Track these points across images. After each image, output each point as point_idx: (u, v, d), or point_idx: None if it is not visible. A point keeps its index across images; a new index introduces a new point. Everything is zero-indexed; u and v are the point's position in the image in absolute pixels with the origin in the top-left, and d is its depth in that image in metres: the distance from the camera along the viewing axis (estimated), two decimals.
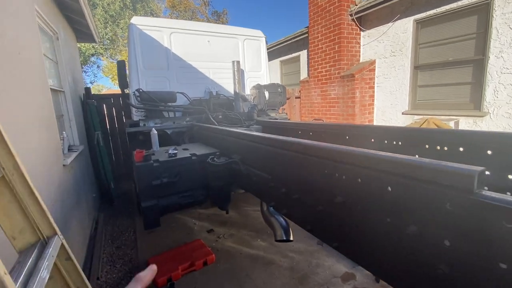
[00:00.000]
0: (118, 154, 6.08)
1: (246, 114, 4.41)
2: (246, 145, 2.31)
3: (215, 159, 2.58)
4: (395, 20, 5.25)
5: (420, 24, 4.95)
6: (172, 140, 4.02)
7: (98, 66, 13.07)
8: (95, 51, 10.98)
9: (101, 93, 8.29)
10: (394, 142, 2.20)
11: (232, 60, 4.58)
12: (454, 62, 4.59)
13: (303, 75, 7.81)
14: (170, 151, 2.75)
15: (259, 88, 4.79)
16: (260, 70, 5.21)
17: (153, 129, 3.15)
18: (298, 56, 7.98)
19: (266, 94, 4.83)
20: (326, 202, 1.41)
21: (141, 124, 3.84)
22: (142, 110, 3.98)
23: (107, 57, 12.55)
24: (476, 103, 4.37)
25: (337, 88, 5.95)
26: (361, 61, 6.05)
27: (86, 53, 10.32)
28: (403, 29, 5.14)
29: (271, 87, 4.94)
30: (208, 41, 4.58)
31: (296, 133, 3.36)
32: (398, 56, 5.31)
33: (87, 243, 3.55)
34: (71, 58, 4.57)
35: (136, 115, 4.07)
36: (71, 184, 3.22)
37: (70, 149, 3.63)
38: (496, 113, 4.09)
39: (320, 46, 6.26)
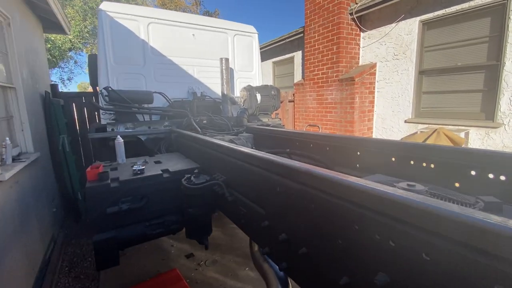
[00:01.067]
0: (89, 160, 5.38)
1: (234, 119, 3.86)
2: (233, 163, 1.77)
3: (192, 178, 2.01)
4: (399, 21, 4.85)
5: (426, 25, 4.56)
6: (147, 149, 3.42)
7: (75, 62, 12.13)
8: (72, 45, 10.08)
9: (71, 91, 7.55)
10: (424, 164, 1.71)
11: (220, 57, 4.03)
12: (463, 67, 4.21)
13: (298, 77, 7.34)
14: (136, 167, 2.16)
15: (250, 90, 4.25)
16: (252, 70, 4.68)
17: (118, 136, 2.55)
18: (292, 57, 7.51)
19: (258, 97, 4.30)
20: (357, 276, 0.88)
21: (109, 128, 3.22)
22: (111, 112, 3.35)
23: (87, 52, 11.69)
24: (488, 113, 3.99)
25: (334, 92, 5.49)
26: (360, 64, 5.62)
27: (63, 47, 9.42)
28: (407, 30, 4.74)
29: (263, 89, 4.41)
30: (193, 35, 4.00)
31: (294, 145, 2.84)
32: (401, 59, 4.91)
33: (36, 274, 2.88)
34: (31, 49, 3.89)
35: (104, 118, 3.44)
36: (13, 204, 2.57)
37: (17, 158, 2.96)
38: (511, 124, 3.71)
39: (316, 47, 5.79)
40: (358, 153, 2.14)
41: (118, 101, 3.30)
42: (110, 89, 3.25)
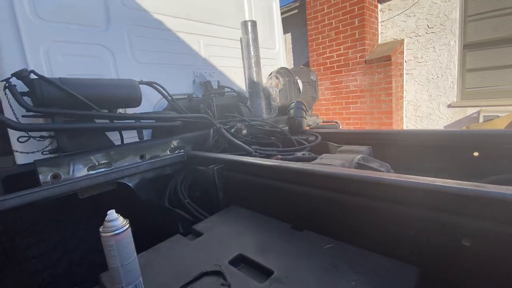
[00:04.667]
0: None
1: (289, 122, 2.26)
2: None
3: None
4: None
5: None
6: (141, 204, 1.59)
7: None
8: None
9: None
10: None
11: (242, 22, 2.38)
12: None
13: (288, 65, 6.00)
14: None
15: (288, 74, 2.71)
16: (275, 47, 3.13)
17: None
18: None
19: (300, 84, 2.80)
20: None
21: (45, 176, 1.29)
22: (43, 132, 1.40)
23: None
24: None
25: (359, 78, 4.35)
26: (380, 42, 4.62)
27: None
28: None
29: (303, 74, 2.93)
30: None
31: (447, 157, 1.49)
32: (438, 32, 4.05)
33: None
34: None
35: (21, 151, 1.42)
36: None
37: None
38: None
39: (327, 22, 4.56)
40: None
41: (60, 105, 1.37)
42: (33, 77, 1.30)
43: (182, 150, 1.78)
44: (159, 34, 2.02)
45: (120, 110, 1.73)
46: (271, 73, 2.78)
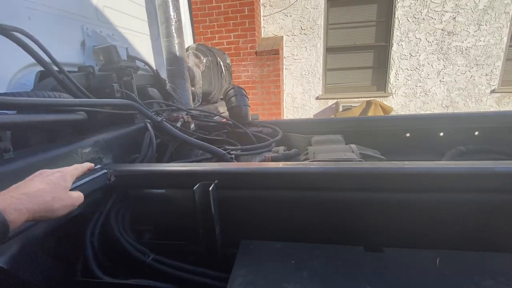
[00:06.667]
0: None
1: (232, 112, 1.82)
2: None
3: None
4: None
5: (330, 2, 4.60)
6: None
7: None
8: None
9: None
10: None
11: None
12: (359, 46, 4.75)
13: None
14: None
15: (208, 53, 2.20)
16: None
17: None
18: None
19: (222, 66, 2.36)
20: None
21: None
22: None
23: None
24: (379, 85, 4.85)
25: (251, 69, 4.36)
26: (263, 36, 4.82)
27: None
28: (314, 3, 4.55)
29: (219, 54, 2.48)
30: None
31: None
32: (309, 34, 4.71)
33: None
34: None
35: None
36: None
37: None
38: (397, 93, 4.76)
39: (215, 4, 4.19)
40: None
41: None
42: None
43: (99, 166, 0.98)
44: None
45: None
46: (187, 49, 2.17)
